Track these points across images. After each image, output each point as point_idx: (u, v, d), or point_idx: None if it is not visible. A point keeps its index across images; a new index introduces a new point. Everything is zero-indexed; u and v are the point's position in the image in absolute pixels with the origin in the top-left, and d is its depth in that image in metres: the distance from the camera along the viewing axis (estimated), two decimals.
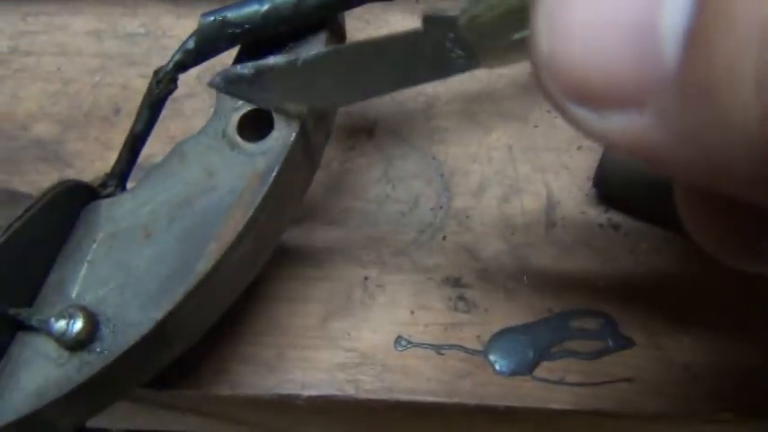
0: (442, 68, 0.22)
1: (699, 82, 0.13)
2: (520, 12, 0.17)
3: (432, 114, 0.38)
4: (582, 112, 0.15)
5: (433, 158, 0.37)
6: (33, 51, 0.42)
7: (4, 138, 0.39)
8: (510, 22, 0.17)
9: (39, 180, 0.38)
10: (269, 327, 0.33)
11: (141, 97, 0.30)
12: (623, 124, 0.14)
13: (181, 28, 0.42)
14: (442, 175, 0.37)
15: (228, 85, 0.26)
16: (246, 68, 0.26)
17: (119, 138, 0.30)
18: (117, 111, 0.40)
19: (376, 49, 0.23)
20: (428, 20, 0.21)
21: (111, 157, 0.31)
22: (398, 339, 0.33)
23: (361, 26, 0.41)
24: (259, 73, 0.25)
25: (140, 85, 0.40)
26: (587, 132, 0.15)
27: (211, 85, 0.26)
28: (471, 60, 0.21)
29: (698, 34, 0.13)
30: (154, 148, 0.36)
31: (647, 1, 0.13)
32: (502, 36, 0.18)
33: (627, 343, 0.32)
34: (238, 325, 0.33)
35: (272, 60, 0.25)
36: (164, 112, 0.39)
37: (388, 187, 0.36)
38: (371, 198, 0.36)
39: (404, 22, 0.41)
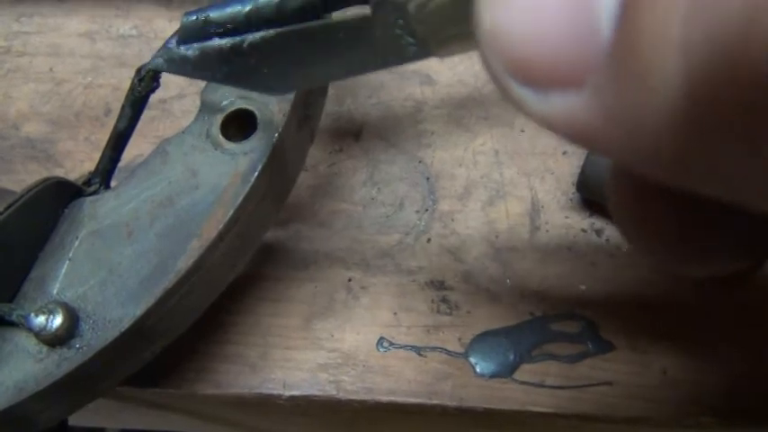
0: (393, 56, 0.21)
1: (629, 52, 0.12)
2: (466, 1, 0.16)
3: (419, 118, 0.39)
4: (524, 93, 0.15)
5: (420, 162, 0.37)
6: (26, 52, 0.42)
7: None
8: (458, 11, 0.17)
9: (28, 180, 0.37)
10: (252, 327, 0.34)
11: None
12: (563, 105, 0.14)
13: (173, 30, 0.42)
14: (427, 179, 0.37)
15: (172, 66, 0.25)
16: (191, 49, 0.25)
17: None
18: (108, 111, 0.40)
19: (324, 34, 0.22)
20: (378, 4, 0.20)
21: None
22: (381, 341, 0.33)
23: None
24: (204, 54, 0.24)
25: None
26: (529, 114, 0.15)
27: (155, 65, 0.25)
28: (422, 49, 0.20)
29: (629, 4, 0.13)
30: (142, 149, 0.36)
31: None
32: (450, 25, 0.17)
33: (607, 347, 0.32)
34: (222, 324, 0.34)
35: (216, 42, 0.24)
36: (153, 113, 0.39)
37: (374, 190, 0.37)
38: (357, 200, 0.36)
39: None
